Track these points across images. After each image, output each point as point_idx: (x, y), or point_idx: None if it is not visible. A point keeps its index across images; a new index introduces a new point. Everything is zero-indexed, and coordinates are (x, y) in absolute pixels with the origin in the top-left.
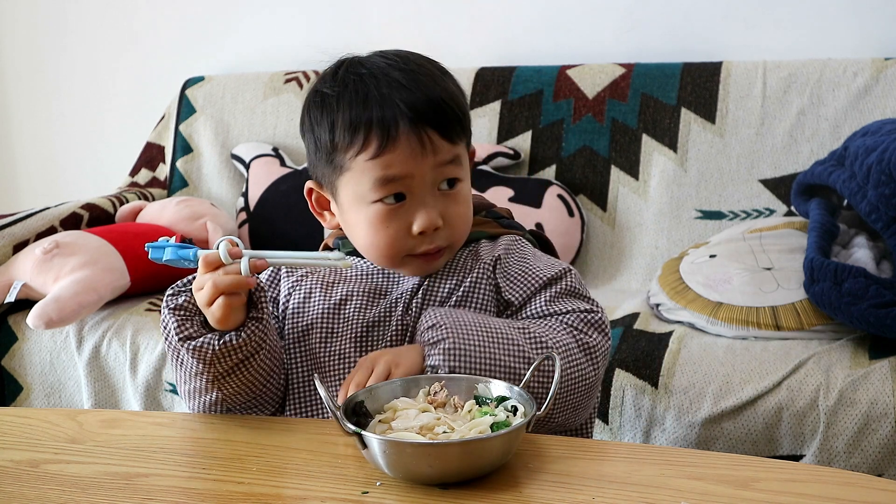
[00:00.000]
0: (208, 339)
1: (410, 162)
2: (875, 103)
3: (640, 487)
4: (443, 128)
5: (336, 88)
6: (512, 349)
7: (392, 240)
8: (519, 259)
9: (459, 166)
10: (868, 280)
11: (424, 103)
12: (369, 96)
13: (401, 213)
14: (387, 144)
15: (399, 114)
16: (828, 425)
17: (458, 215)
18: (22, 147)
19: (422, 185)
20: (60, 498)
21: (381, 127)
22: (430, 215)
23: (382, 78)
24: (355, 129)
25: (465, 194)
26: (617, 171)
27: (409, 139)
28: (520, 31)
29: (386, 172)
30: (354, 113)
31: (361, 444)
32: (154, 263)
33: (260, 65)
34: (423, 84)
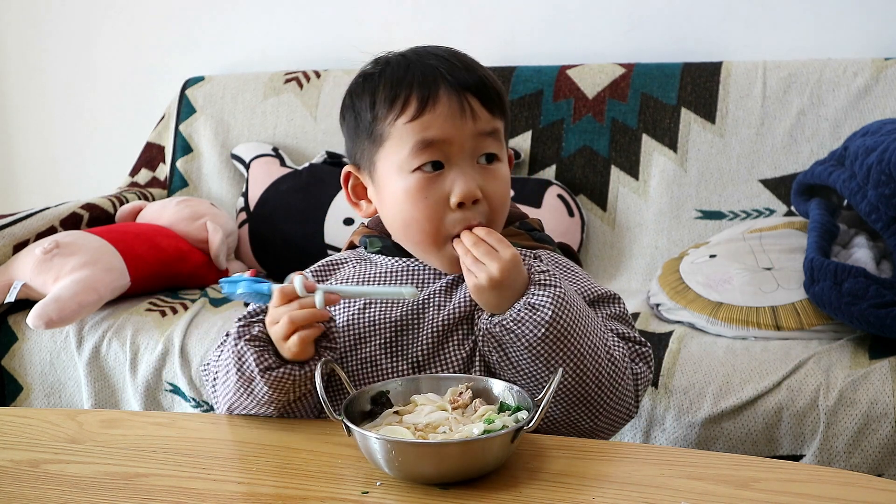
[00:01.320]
0: (289, 370)
1: (449, 125)
2: (875, 103)
3: (640, 487)
4: (483, 96)
5: (378, 67)
6: (598, 335)
7: (430, 212)
8: (565, 272)
9: (499, 142)
10: (868, 280)
11: (467, 75)
12: (411, 66)
13: (439, 183)
14: (426, 104)
15: (440, 77)
16: (828, 425)
17: (497, 192)
18: (22, 147)
19: (461, 153)
20: (60, 498)
21: (421, 88)
22: (469, 184)
23: (424, 54)
24: (396, 94)
25: (502, 173)
26: (617, 171)
27: (450, 101)
28: (520, 31)
29: (425, 135)
30: (396, 83)
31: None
32: (153, 263)
33: (260, 65)
34: (467, 62)
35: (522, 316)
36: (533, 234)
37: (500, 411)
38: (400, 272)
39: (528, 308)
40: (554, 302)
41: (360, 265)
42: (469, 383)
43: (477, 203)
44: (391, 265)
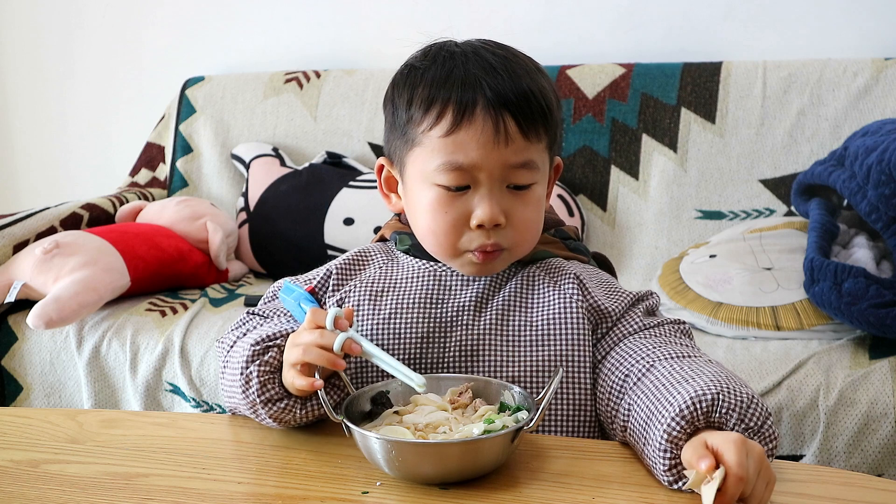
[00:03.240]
0: (291, 404)
1: (482, 150)
2: (875, 103)
3: (640, 487)
4: (524, 118)
5: (424, 63)
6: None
7: (449, 227)
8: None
9: (534, 171)
10: (868, 280)
11: (509, 88)
12: (454, 72)
13: (462, 201)
14: (461, 122)
15: (480, 93)
16: (828, 425)
17: (525, 218)
18: (22, 147)
19: (489, 179)
20: (60, 498)
21: (458, 103)
22: (493, 210)
23: (472, 57)
24: (432, 101)
25: (536, 198)
26: (617, 171)
27: (486, 122)
28: (520, 31)
29: (454, 157)
30: (435, 86)
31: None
32: (153, 263)
33: (260, 65)
34: (513, 70)
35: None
36: (568, 244)
37: (500, 411)
38: (426, 276)
39: (772, 443)
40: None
41: (387, 266)
42: (469, 384)
43: (499, 227)
44: (418, 268)
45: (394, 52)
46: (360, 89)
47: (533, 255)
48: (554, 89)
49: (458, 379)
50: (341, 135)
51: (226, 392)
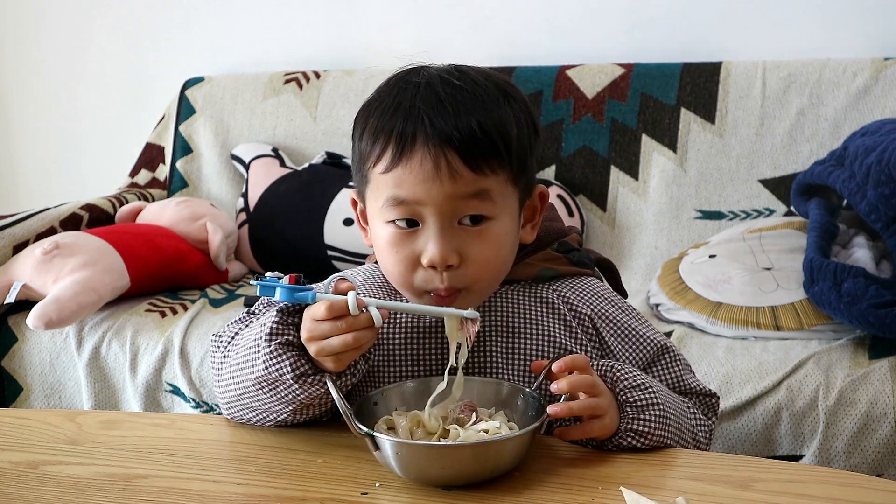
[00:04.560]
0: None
1: (422, 185)
2: (875, 103)
3: (640, 488)
4: (468, 153)
5: (381, 93)
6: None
7: (402, 267)
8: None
9: (487, 201)
10: (868, 280)
11: (453, 123)
12: (401, 106)
13: (413, 240)
14: (399, 159)
15: (419, 128)
16: (827, 425)
17: (481, 257)
18: (22, 147)
19: (436, 215)
20: (60, 499)
21: (398, 139)
22: (441, 250)
23: (424, 90)
24: (376, 137)
25: (494, 234)
26: (616, 171)
27: (424, 158)
28: (520, 31)
29: (396, 192)
30: (381, 121)
31: (373, 446)
32: (153, 264)
33: (260, 65)
34: (465, 103)
35: (630, 441)
36: (571, 257)
37: None
38: None
39: (633, 434)
40: (657, 424)
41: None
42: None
43: (452, 268)
44: None
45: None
46: (359, 90)
47: (537, 275)
48: (525, 118)
49: (470, 380)
50: (341, 135)
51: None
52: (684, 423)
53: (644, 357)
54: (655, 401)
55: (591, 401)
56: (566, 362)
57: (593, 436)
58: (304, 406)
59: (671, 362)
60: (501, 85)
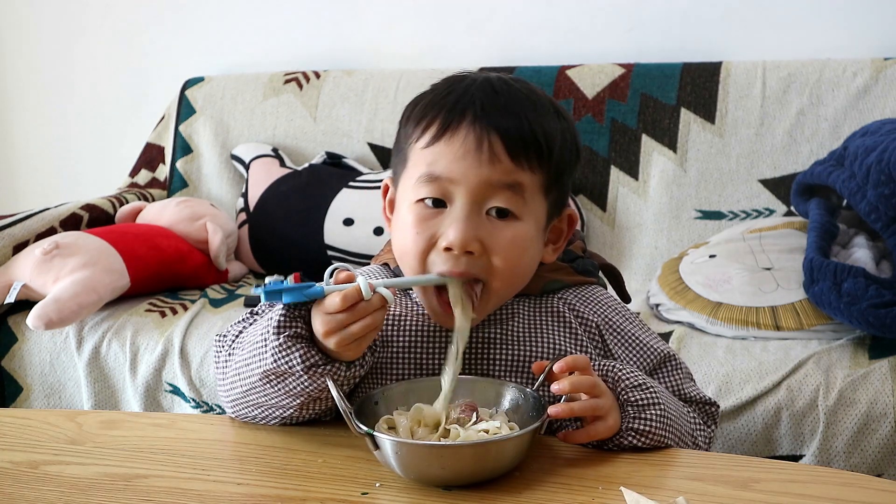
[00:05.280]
0: (335, 367)
1: (460, 163)
2: (875, 103)
3: (640, 488)
4: (512, 142)
5: (434, 86)
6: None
7: (419, 248)
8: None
9: (518, 198)
10: (867, 280)
11: (503, 110)
12: (454, 92)
13: (437, 221)
14: (444, 133)
15: (469, 108)
16: (827, 425)
17: (503, 251)
18: (22, 147)
19: (466, 196)
20: (60, 499)
21: (446, 114)
22: (463, 233)
23: (481, 82)
24: (424, 115)
25: (519, 234)
26: (616, 171)
27: (468, 136)
28: (520, 31)
29: (432, 168)
30: (432, 103)
31: (373, 445)
32: (153, 264)
33: (260, 65)
34: (517, 100)
35: (631, 441)
36: (576, 266)
37: None
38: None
39: (634, 434)
40: (658, 424)
41: None
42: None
43: (472, 255)
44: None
45: (394, 53)
46: (359, 90)
47: (543, 287)
48: (570, 137)
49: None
50: (341, 135)
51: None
52: (685, 425)
53: (647, 365)
54: (656, 401)
55: (592, 401)
56: (567, 363)
57: (598, 437)
58: (312, 399)
59: (673, 371)
60: (554, 102)
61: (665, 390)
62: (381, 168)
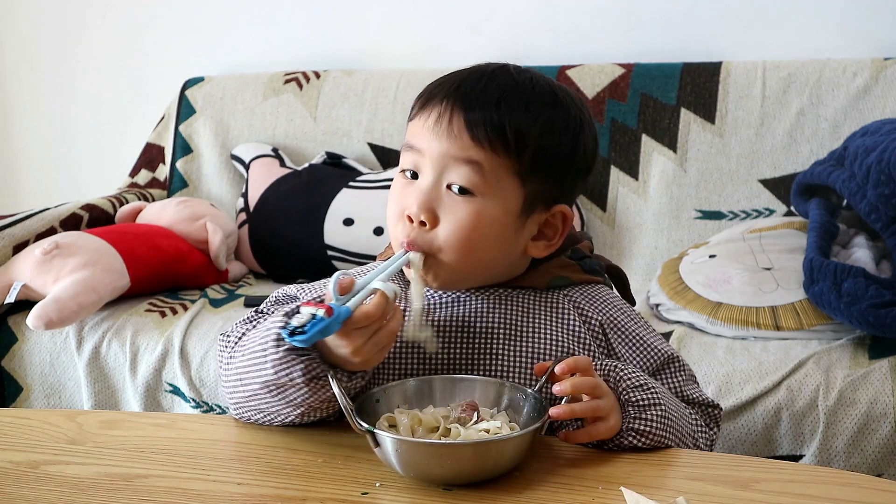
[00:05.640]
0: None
1: (425, 136)
2: (875, 103)
3: (640, 488)
4: (473, 120)
5: None
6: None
7: (395, 217)
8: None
9: (477, 176)
10: (867, 280)
11: (479, 93)
12: (452, 75)
13: (408, 193)
14: (422, 109)
15: (448, 89)
16: (827, 425)
17: (454, 226)
18: (22, 148)
19: (430, 168)
20: (60, 499)
21: (428, 93)
22: (418, 203)
23: (482, 70)
24: (420, 94)
25: (475, 210)
26: (616, 171)
27: (434, 110)
28: (520, 31)
29: (409, 139)
30: (430, 87)
31: (374, 443)
32: (153, 264)
33: (260, 65)
34: (505, 88)
35: (631, 441)
36: (583, 264)
37: None
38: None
39: (634, 434)
40: (658, 424)
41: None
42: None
43: (425, 226)
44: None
45: (394, 53)
46: (359, 90)
47: (550, 283)
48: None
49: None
50: (341, 135)
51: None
52: (686, 426)
53: (650, 366)
54: (657, 401)
55: (593, 402)
56: (569, 364)
57: (598, 438)
58: (313, 409)
59: (676, 372)
60: (559, 94)
61: (667, 391)
62: (381, 168)
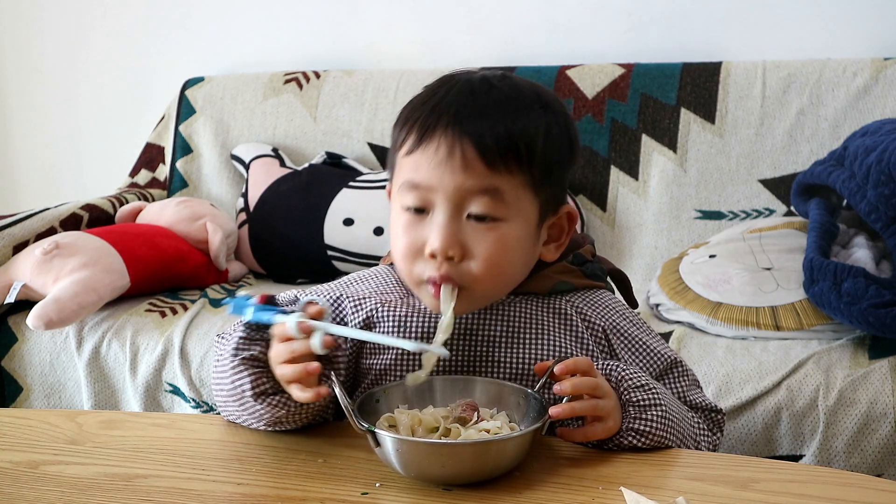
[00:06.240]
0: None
1: (435, 171)
2: (875, 103)
3: (640, 488)
4: (485, 147)
5: (424, 89)
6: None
7: (408, 252)
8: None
9: (498, 201)
10: (867, 280)
11: (477, 115)
12: (435, 96)
13: (421, 227)
14: (420, 142)
15: (444, 116)
16: (827, 425)
17: (485, 255)
18: (22, 147)
19: (445, 203)
20: (60, 499)
21: (422, 123)
22: (444, 239)
23: (463, 85)
24: (406, 122)
25: (502, 235)
26: (616, 171)
27: (441, 144)
28: (520, 31)
29: (412, 176)
30: (415, 109)
31: (374, 442)
32: (153, 264)
33: (260, 65)
34: (496, 102)
35: (631, 441)
36: (585, 269)
37: None
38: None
39: (634, 433)
40: (658, 424)
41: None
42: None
43: (452, 260)
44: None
45: (394, 53)
46: (359, 90)
47: (553, 288)
48: (560, 131)
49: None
50: (341, 135)
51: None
52: (687, 428)
53: (654, 370)
54: (658, 402)
55: (594, 402)
56: (568, 365)
57: (595, 438)
58: (273, 422)
59: (679, 377)
60: (543, 95)
61: (668, 393)
62: (381, 168)
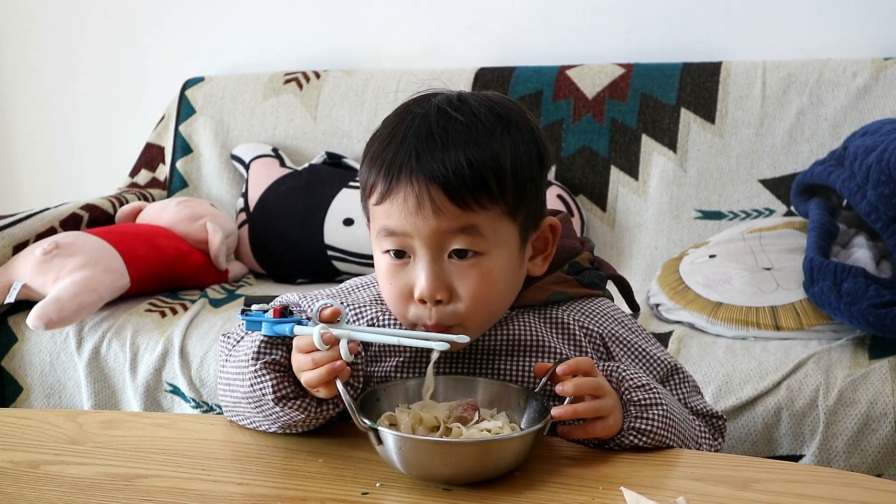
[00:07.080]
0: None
1: (408, 219)
2: (875, 103)
3: (640, 488)
4: (453, 189)
5: (385, 124)
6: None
7: (397, 298)
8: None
9: (477, 237)
10: (867, 280)
11: (440, 158)
12: (395, 138)
13: (405, 271)
14: (387, 193)
15: (406, 163)
16: (827, 425)
17: (472, 293)
18: (22, 147)
19: (425, 248)
20: (61, 499)
21: (386, 173)
22: (430, 284)
23: (420, 121)
24: (370, 168)
25: (486, 269)
26: (616, 171)
27: (408, 194)
28: (520, 31)
29: (386, 223)
30: (376, 152)
31: (376, 440)
32: (153, 264)
33: (260, 65)
34: (456, 136)
35: (632, 440)
36: (581, 279)
37: None
38: None
39: (635, 433)
40: (659, 424)
41: None
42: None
43: (441, 303)
44: None
45: (394, 53)
46: (359, 90)
47: (548, 299)
48: (527, 148)
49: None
50: (341, 135)
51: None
52: (688, 429)
53: (654, 377)
54: (659, 401)
55: (595, 402)
56: (570, 366)
57: (596, 436)
58: (290, 425)
59: (680, 383)
60: (504, 114)
61: (670, 395)
62: None
